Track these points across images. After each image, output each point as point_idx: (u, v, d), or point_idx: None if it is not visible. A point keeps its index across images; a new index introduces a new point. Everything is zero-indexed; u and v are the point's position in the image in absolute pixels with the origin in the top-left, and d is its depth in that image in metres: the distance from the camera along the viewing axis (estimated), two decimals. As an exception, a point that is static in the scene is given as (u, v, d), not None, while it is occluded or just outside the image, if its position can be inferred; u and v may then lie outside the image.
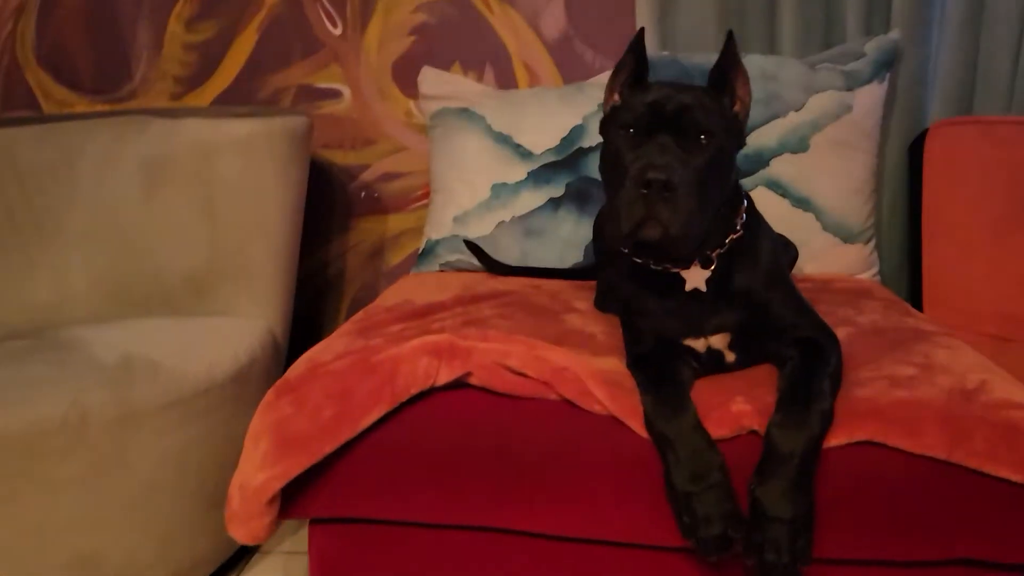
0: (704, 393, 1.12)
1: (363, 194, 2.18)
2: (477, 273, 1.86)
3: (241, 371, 1.50)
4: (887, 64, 1.76)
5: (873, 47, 1.75)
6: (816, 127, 1.74)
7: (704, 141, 1.08)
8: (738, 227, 1.18)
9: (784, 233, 1.71)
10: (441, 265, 1.91)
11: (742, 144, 1.21)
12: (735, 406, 1.07)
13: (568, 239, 1.85)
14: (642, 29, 1.18)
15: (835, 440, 1.03)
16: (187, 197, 1.61)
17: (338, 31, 2.09)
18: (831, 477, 1.01)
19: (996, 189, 1.67)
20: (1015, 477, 0.97)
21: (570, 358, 1.12)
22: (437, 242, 1.91)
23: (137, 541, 1.37)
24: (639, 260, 1.16)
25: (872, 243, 1.83)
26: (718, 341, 1.18)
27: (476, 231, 1.87)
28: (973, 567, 1.03)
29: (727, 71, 1.17)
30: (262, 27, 2.10)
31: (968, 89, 1.83)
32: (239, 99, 2.14)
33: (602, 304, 1.57)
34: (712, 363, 1.20)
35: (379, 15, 2.07)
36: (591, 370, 1.11)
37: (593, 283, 1.67)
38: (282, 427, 1.09)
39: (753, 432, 1.05)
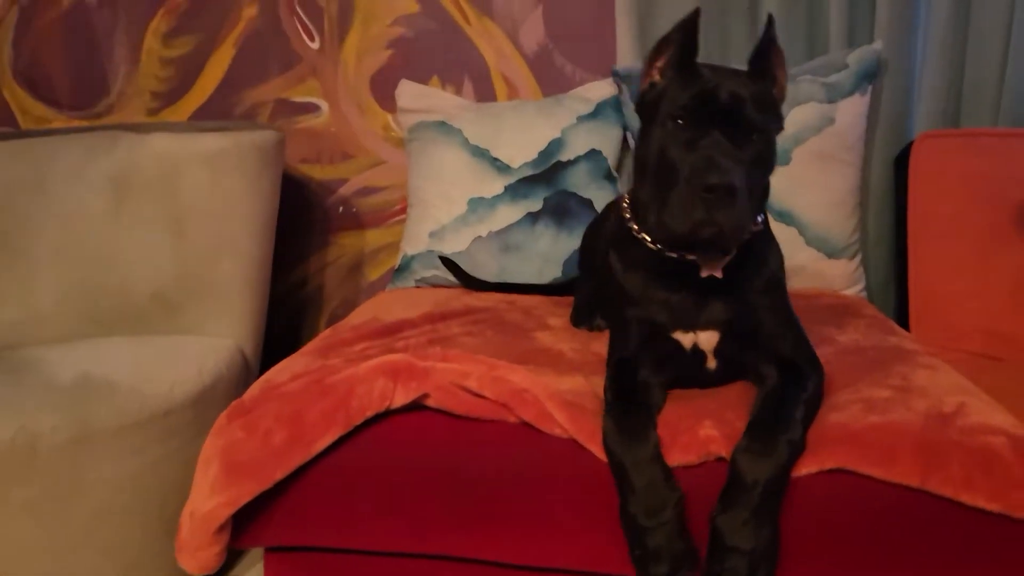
0: (672, 416, 1.08)
1: (341, 209, 2.15)
2: (453, 289, 1.83)
3: (204, 391, 1.46)
4: (870, 76, 1.73)
5: (855, 58, 1.72)
6: (798, 140, 1.71)
7: (755, 137, 1.04)
8: (760, 218, 1.15)
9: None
10: (417, 281, 1.87)
11: (782, 129, 1.15)
12: (703, 431, 1.03)
13: (546, 254, 1.81)
14: (697, 9, 1.10)
15: (806, 468, 0.98)
16: (155, 213, 1.58)
17: (316, 45, 2.07)
18: (801, 505, 0.97)
19: (982, 202, 1.63)
20: (991, 506, 0.93)
21: (530, 379, 1.08)
22: (412, 258, 1.87)
23: (96, 568, 1.33)
24: (672, 252, 1.10)
25: (858, 258, 1.79)
26: (705, 340, 1.13)
27: (452, 246, 1.84)
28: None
29: (768, 56, 1.11)
30: (239, 41, 2.08)
31: (954, 101, 1.79)
32: (217, 114, 2.11)
33: (578, 319, 1.53)
34: (693, 368, 1.16)
35: (357, 28, 2.04)
36: (551, 392, 1.07)
37: (571, 299, 1.64)
38: (232, 452, 1.05)
39: (721, 459, 1.01)
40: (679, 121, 1.04)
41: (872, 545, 0.96)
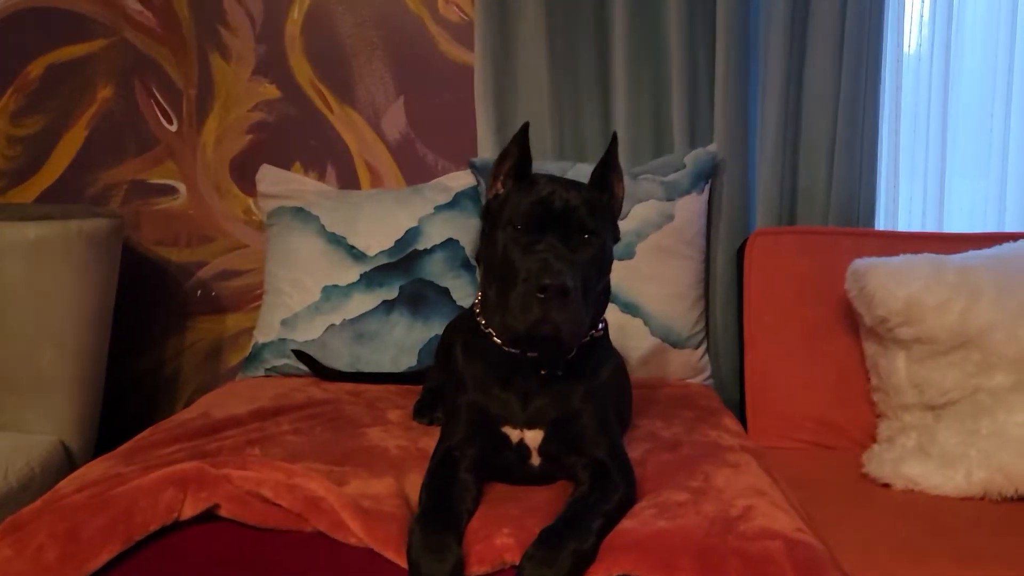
0: (474, 523, 1.08)
1: (199, 292, 2.12)
2: (303, 378, 1.81)
3: (10, 495, 1.39)
4: (706, 175, 1.83)
5: (692, 159, 1.82)
6: (640, 235, 1.79)
7: (588, 239, 1.13)
8: (600, 326, 1.25)
9: (614, 338, 1.73)
10: (267, 370, 1.85)
11: (618, 238, 1.26)
12: (499, 539, 1.03)
13: (401, 342, 1.82)
14: (526, 123, 1.21)
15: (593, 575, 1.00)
16: (-30, 303, 1.52)
17: (174, 127, 2.07)
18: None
19: (811, 296, 1.73)
20: (770, 612, 0.95)
21: (326, 486, 1.07)
22: (264, 346, 1.85)
23: None
24: (514, 349, 1.16)
25: (702, 348, 1.86)
26: (531, 438, 1.19)
27: (305, 334, 1.82)
28: None
29: (608, 171, 1.24)
30: (92, 122, 2.06)
31: (789, 199, 1.91)
32: (67, 195, 2.07)
33: (420, 410, 1.54)
34: (518, 462, 1.21)
35: (216, 112, 2.05)
36: (346, 500, 1.06)
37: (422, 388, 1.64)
38: (1, 571, 0.99)
39: (515, 567, 1.01)
40: (518, 227, 1.13)
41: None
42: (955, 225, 1.94)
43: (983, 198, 1.94)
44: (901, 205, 1.93)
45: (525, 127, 1.20)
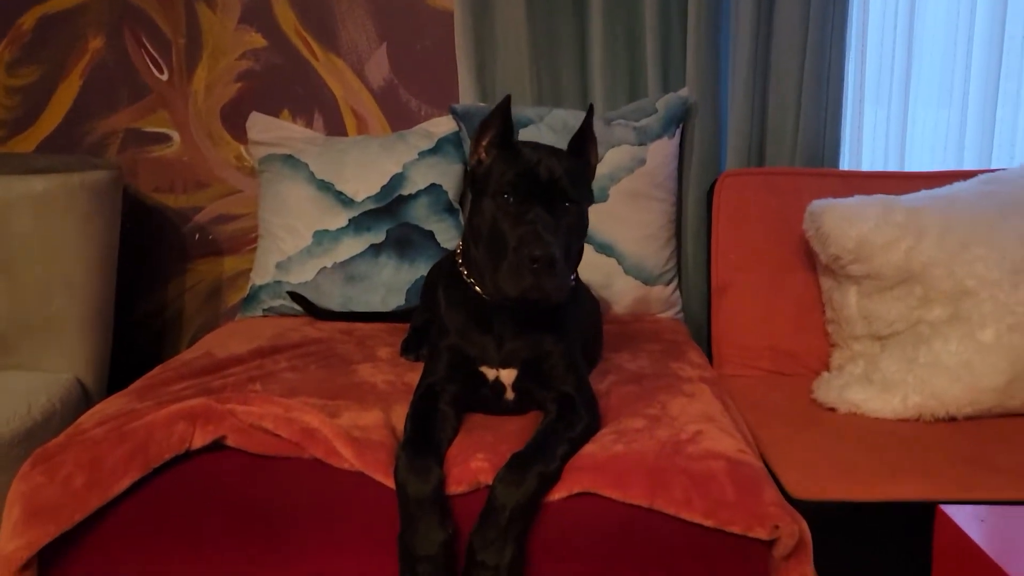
0: (453, 449, 1.21)
1: (197, 236, 2.21)
2: (298, 318, 1.92)
3: (35, 428, 1.51)
4: (677, 120, 1.90)
5: (663, 104, 1.89)
6: (613, 179, 1.87)
7: (569, 207, 1.23)
8: (573, 277, 1.34)
9: (589, 276, 1.85)
10: (264, 310, 1.96)
11: (592, 201, 1.36)
12: (474, 463, 1.16)
13: (389, 284, 1.92)
14: (508, 96, 1.28)
15: (558, 493, 1.13)
16: (-17, 253, 1.62)
17: (165, 77, 2.12)
18: (552, 524, 1.11)
19: (774, 235, 1.83)
20: (706, 522, 1.08)
21: (320, 419, 1.19)
22: (260, 288, 1.95)
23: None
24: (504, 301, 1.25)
25: (673, 284, 1.97)
26: (506, 376, 1.32)
27: (298, 277, 1.93)
28: (680, 602, 1.14)
29: (585, 140, 1.33)
30: (86, 73, 2.11)
31: (759, 141, 1.99)
32: (65, 143, 2.13)
33: (406, 348, 1.65)
34: (495, 397, 1.33)
35: (205, 61, 2.11)
36: (339, 430, 1.18)
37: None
38: (33, 497, 1.12)
39: (488, 486, 1.14)
40: (506, 196, 1.21)
41: (610, 555, 1.11)
42: (917, 161, 2.02)
43: (944, 135, 2.01)
44: (865, 144, 2.01)
45: (507, 100, 1.27)
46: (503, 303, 1.25)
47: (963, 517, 0.87)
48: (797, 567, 1.11)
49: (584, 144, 1.33)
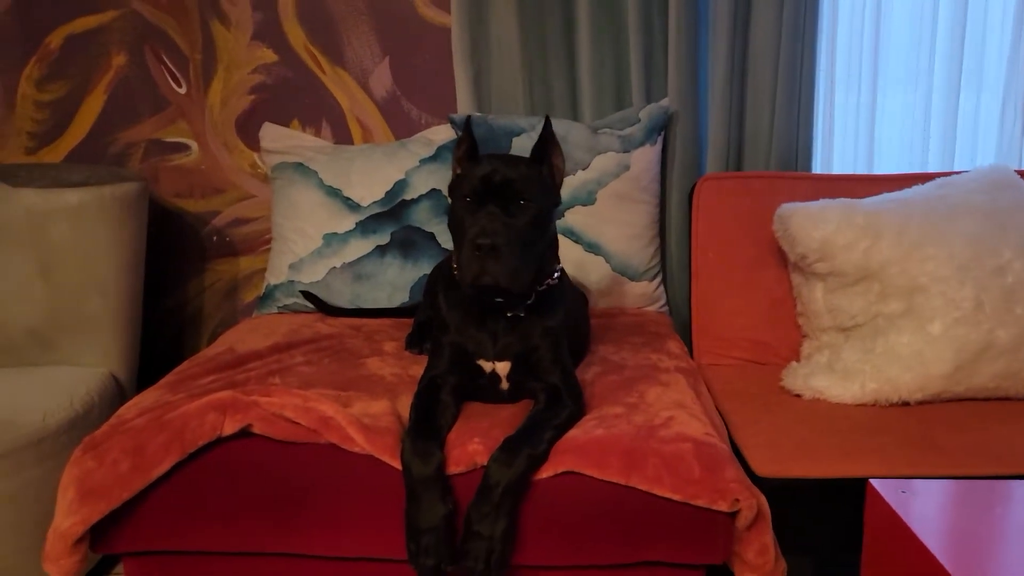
0: (452, 434, 1.35)
1: (215, 238, 2.34)
2: (310, 315, 2.05)
3: (76, 419, 1.66)
4: (659, 128, 2.03)
5: (646, 114, 2.02)
6: (600, 183, 2.00)
7: (524, 204, 1.37)
8: (555, 275, 1.49)
9: (578, 274, 1.98)
10: (279, 308, 2.09)
11: (558, 202, 1.51)
12: (471, 446, 1.30)
13: (394, 282, 2.06)
14: (470, 117, 1.48)
15: (545, 473, 1.27)
16: (24, 259, 1.76)
17: (183, 90, 2.25)
18: (540, 500, 1.26)
19: (750, 235, 1.95)
20: (675, 496, 1.22)
21: (335, 408, 1.34)
22: (275, 287, 2.09)
23: (-23, 577, 1.53)
24: (478, 296, 1.40)
25: (657, 280, 2.10)
26: (501, 368, 1.46)
27: (310, 276, 2.06)
28: (657, 566, 1.29)
29: (544, 147, 1.47)
30: (110, 87, 2.24)
31: (736, 146, 2.12)
32: (91, 154, 2.27)
33: (411, 342, 1.78)
34: (490, 387, 1.48)
35: (220, 75, 2.23)
36: (350, 418, 1.32)
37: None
38: (85, 479, 1.26)
39: (484, 466, 1.28)
40: (468, 199, 1.37)
41: (592, 527, 1.25)
42: (886, 161, 2.14)
43: (909, 136, 2.13)
44: (835, 147, 2.13)
45: (468, 120, 1.47)
46: (472, 292, 1.38)
47: (887, 490, 1.00)
48: (758, 536, 1.26)
49: (544, 150, 1.46)
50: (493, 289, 1.34)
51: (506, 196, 1.36)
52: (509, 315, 1.44)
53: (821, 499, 1.50)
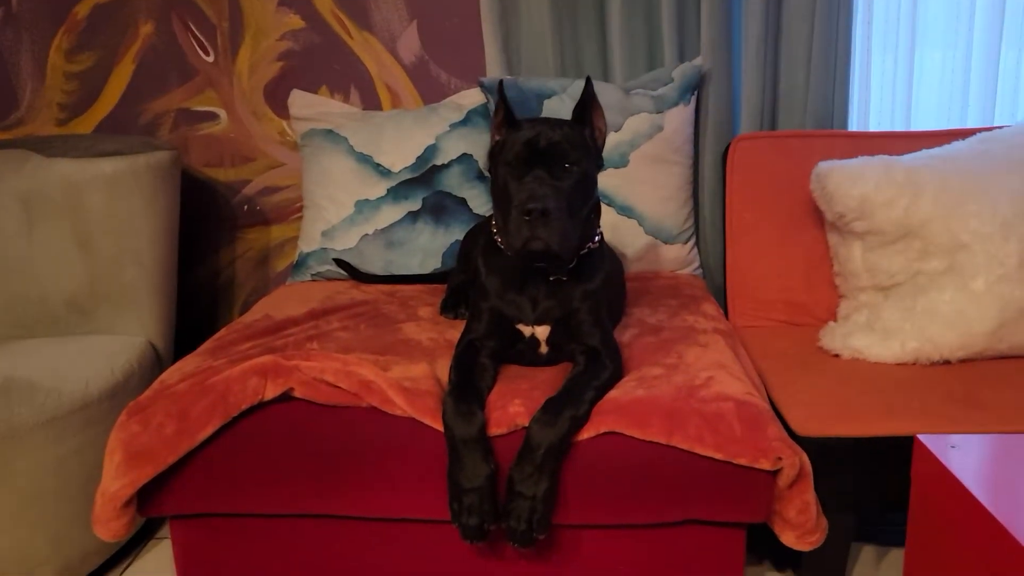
0: (492, 396, 1.35)
1: (246, 207, 2.35)
2: (344, 282, 2.06)
3: (117, 386, 1.67)
4: (692, 88, 1.99)
5: (679, 73, 1.98)
6: (633, 145, 1.97)
7: (569, 168, 1.35)
8: (596, 238, 1.47)
9: (612, 237, 1.96)
10: (312, 275, 2.10)
11: (601, 165, 1.48)
12: (512, 408, 1.30)
13: (426, 248, 2.05)
14: (502, 81, 1.43)
15: (586, 433, 1.27)
16: (63, 230, 1.77)
17: (211, 59, 2.24)
18: (582, 460, 1.26)
19: (785, 195, 1.92)
20: (717, 455, 1.22)
21: (375, 371, 1.34)
22: (308, 255, 2.09)
23: (28, 540, 1.55)
24: (521, 261, 1.39)
25: (691, 242, 2.07)
26: (540, 332, 1.45)
27: (343, 243, 2.06)
28: (698, 525, 1.29)
29: (586, 108, 1.44)
30: (138, 57, 2.24)
31: (770, 105, 2.07)
32: (121, 124, 2.27)
33: (446, 307, 1.78)
34: (530, 351, 1.47)
35: (248, 43, 2.22)
36: (392, 381, 1.32)
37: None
38: (131, 443, 1.28)
39: (525, 428, 1.28)
40: (512, 165, 1.35)
41: (633, 487, 1.25)
42: (923, 119, 2.09)
43: (948, 90, 2.07)
44: (872, 105, 2.08)
45: (501, 84, 1.42)
46: (520, 259, 1.36)
47: (937, 445, 0.99)
48: (799, 495, 1.25)
49: (586, 112, 1.43)
50: (542, 255, 1.32)
51: (552, 160, 1.34)
52: (551, 279, 1.42)
53: (860, 458, 1.48)
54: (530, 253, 1.32)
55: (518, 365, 1.49)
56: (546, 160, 1.33)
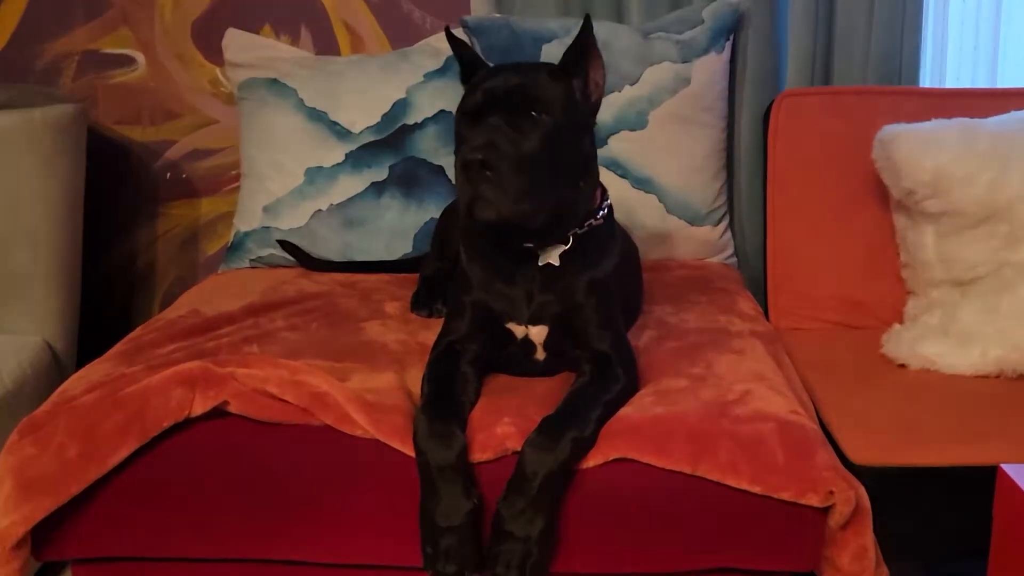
0: (475, 413, 1.35)
1: (169, 175, 2.34)
2: (291, 269, 2.06)
3: (7, 395, 1.67)
4: (727, 31, 2.00)
5: (711, 13, 1.98)
6: (653, 102, 1.98)
7: (536, 117, 1.33)
8: (599, 214, 1.46)
9: (625, 216, 1.96)
10: (252, 261, 2.09)
11: (590, 124, 1.46)
12: (501, 428, 1.30)
13: (393, 228, 2.05)
14: (447, 26, 1.49)
15: (592, 460, 1.27)
16: (-67, 203, 1.77)
17: (126, -12, 2.23)
18: (588, 492, 1.26)
19: (841, 165, 1.94)
20: (754, 488, 1.22)
21: (330, 382, 1.34)
22: (246, 235, 2.09)
23: None
24: (497, 239, 1.40)
25: (724, 224, 2.08)
26: (536, 334, 1.45)
27: (289, 222, 2.06)
28: (731, 575, 1.29)
29: (581, 55, 1.41)
30: (33, -13, 2.23)
31: (823, 54, 2.09)
32: (12, 71, 2.26)
33: (418, 303, 1.78)
34: (522, 356, 1.47)
35: (173, -31, 2.21)
36: (350, 394, 1.32)
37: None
38: (25, 469, 1.27)
39: (516, 453, 1.28)
40: (466, 114, 1.35)
41: (650, 527, 1.25)
42: (1012, 75, 2.10)
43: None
44: (950, 56, 2.09)
45: (447, 29, 1.49)
46: (489, 233, 1.38)
47: (1023, 476, 1.00)
48: (855, 538, 1.25)
49: (580, 59, 1.41)
50: (500, 224, 1.31)
51: (514, 106, 1.33)
52: (541, 265, 1.42)
53: (930, 493, 1.50)
54: (482, 222, 1.31)
55: (508, 374, 1.49)
56: (505, 107, 1.33)
